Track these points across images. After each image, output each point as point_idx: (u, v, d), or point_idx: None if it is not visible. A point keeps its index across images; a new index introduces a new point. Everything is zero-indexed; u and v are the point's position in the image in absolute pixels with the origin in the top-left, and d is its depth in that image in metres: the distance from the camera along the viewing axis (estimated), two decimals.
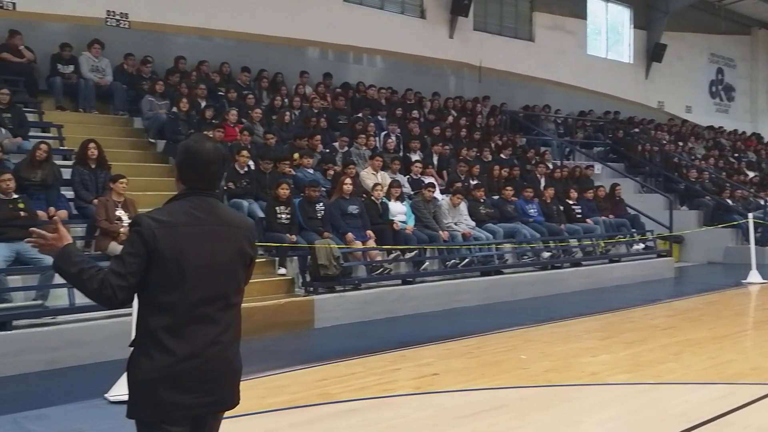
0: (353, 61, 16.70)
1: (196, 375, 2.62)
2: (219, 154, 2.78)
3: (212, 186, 2.81)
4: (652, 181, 18.15)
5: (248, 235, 2.81)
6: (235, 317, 2.77)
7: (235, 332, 2.77)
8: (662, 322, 9.13)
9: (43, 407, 5.40)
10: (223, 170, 2.86)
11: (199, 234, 2.64)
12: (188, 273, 2.60)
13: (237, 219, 2.84)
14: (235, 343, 2.76)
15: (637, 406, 5.46)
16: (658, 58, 23.37)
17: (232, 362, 2.75)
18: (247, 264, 2.80)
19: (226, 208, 2.89)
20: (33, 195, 8.21)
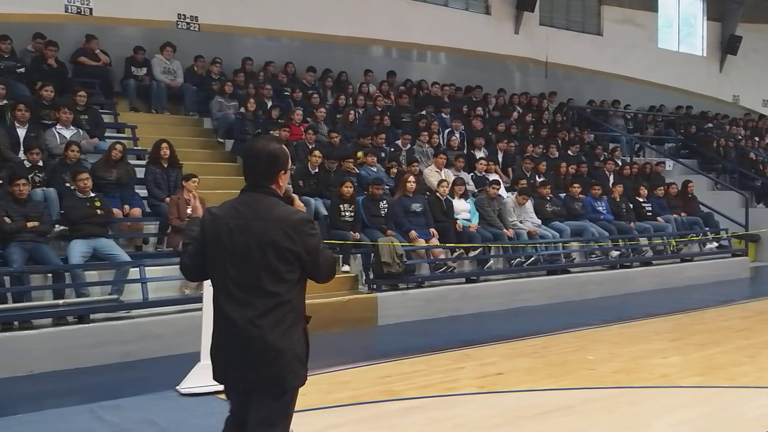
0: (417, 58, 16.69)
1: (233, 351, 2.95)
2: (265, 153, 2.99)
3: (259, 182, 3.01)
4: (726, 178, 17.52)
5: (284, 229, 2.92)
6: (277, 305, 2.93)
7: (277, 319, 2.93)
8: (736, 323, 8.82)
9: (118, 398, 5.60)
10: (268, 168, 3.00)
11: (236, 226, 2.94)
12: (225, 258, 2.95)
13: (275, 213, 2.95)
14: (277, 328, 2.92)
15: (709, 410, 5.29)
16: (733, 51, 22.51)
17: (274, 346, 2.91)
18: (286, 257, 2.91)
19: (272, 203, 2.98)
20: (108, 193, 8.51)
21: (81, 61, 11.60)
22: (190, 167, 9.64)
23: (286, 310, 2.95)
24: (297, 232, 2.93)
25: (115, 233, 8.29)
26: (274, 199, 3.00)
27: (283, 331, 2.93)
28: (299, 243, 2.93)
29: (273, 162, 3.02)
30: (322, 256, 3.01)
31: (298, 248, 2.93)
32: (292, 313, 2.97)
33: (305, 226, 2.97)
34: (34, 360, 6.52)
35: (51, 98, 9.77)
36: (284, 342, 2.93)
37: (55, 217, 7.92)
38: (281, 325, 2.93)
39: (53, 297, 7.12)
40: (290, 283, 2.95)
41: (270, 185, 3.01)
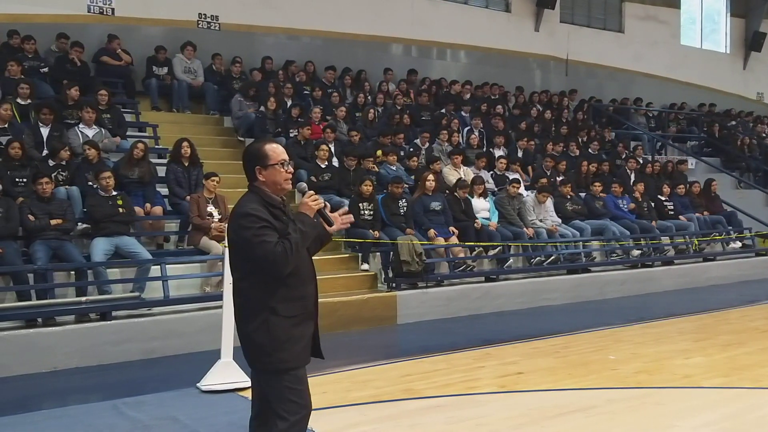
0: (437, 56, 16.66)
1: None
2: (245, 154, 3.33)
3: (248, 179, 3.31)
4: (750, 177, 17.30)
5: (231, 222, 3.21)
6: (237, 293, 3.24)
7: (238, 305, 3.23)
8: (762, 324, 8.70)
9: (141, 394, 5.65)
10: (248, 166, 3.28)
11: None
12: None
13: (234, 209, 3.23)
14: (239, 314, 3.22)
15: (733, 412, 5.22)
16: (758, 48, 22.21)
17: (239, 330, 3.24)
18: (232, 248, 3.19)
19: (242, 200, 3.23)
20: (131, 192, 8.59)
21: (103, 61, 11.71)
22: (211, 166, 9.70)
23: (241, 300, 3.21)
24: (237, 225, 3.14)
25: (137, 231, 8.36)
26: (250, 195, 3.24)
27: (242, 318, 3.20)
28: (237, 235, 3.14)
29: (248, 160, 3.30)
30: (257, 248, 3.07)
31: (237, 239, 3.15)
32: (250, 302, 3.17)
33: (242, 218, 3.12)
34: (58, 356, 6.60)
35: (75, 98, 9.86)
36: (243, 328, 3.20)
37: (78, 215, 8.00)
38: (240, 314, 3.22)
39: (76, 294, 7.20)
40: (240, 272, 3.20)
41: (252, 182, 3.27)
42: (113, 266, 7.59)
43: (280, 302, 3.14)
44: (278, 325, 3.13)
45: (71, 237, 7.63)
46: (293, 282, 3.19)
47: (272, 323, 3.13)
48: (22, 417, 5.17)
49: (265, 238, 3.07)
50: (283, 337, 3.14)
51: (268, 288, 3.13)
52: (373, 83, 14.51)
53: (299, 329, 3.21)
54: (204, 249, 8.23)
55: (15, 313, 6.79)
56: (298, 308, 3.20)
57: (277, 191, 3.27)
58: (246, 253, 3.10)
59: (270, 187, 3.24)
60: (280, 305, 3.14)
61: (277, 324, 3.13)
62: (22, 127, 9.08)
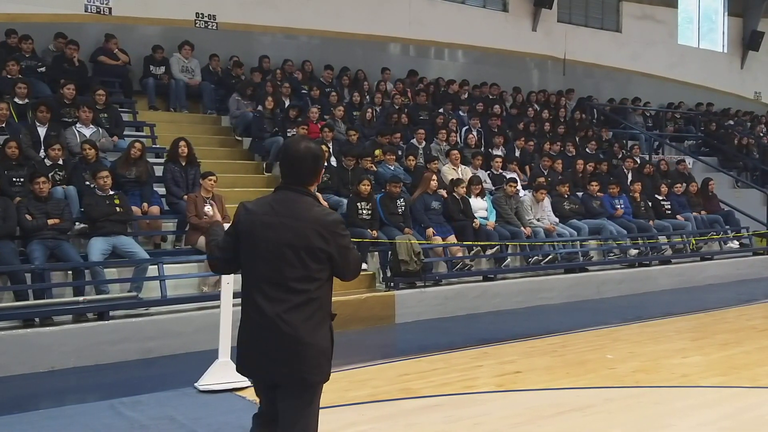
0: (435, 56, 16.66)
1: (262, 344, 3.01)
2: (309, 154, 3.08)
3: (299, 181, 3.10)
4: (747, 176, 17.32)
5: (318, 230, 2.99)
6: (306, 302, 3.00)
7: (306, 314, 3.00)
8: (759, 323, 8.71)
9: (138, 394, 5.64)
10: (313, 169, 3.09)
11: (270, 223, 3.03)
12: (256, 253, 3.03)
13: (310, 214, 3.02)
14: (306, 323, 2.99)
15: (731, 411, 5.23)
16: (755, 47, 22.23)
17: (301, 340, 2.98)
18: (319, 257, 3.00)
19: (308, 203, 3.06)
20: (128, 191, 8.58)
21: (101, 61, 11.69)
22: (209, 165, 9.69)
23: (314, 307, 3.03)
24: (330, 233, 3.02)
25: (134, 231, 8.35)
26: (310, 200, 3.08)
27: (312, 326, 3.01)
28: (332, 243, 3.02)
29: (317, 163, 3.12)
30: (351, 255, 3.11)
31: (331, 248, 3.02)
32: (320, 310, 3.05)
33: (338, 227, 3.05)
34: (55, 356, 6.58)
35: (72, 97, 9.85)
36: (311, 337, 3.01)
37: (76, 214, 7.99)
38: (309, 321, 3.01)
39: (73, 294, 7.18)
40: (319, 281, 3.03)
41: (308, 185, 3.11)
42: (110, 266, 7.58)
43: (332, 307, 3.17)
44: (332, 329, 3.15)
45: (68, 237, 7.62)
46: None
47: (332, 330, 3.14)
48: (19, 417, 5.16)
49: (353, 245, 3.16)
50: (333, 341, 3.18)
51: (330, 294, 3.15)
52: (371, 83, 14.51)
53: None
54: (201, 249, 8.20)
55: (12, 313, 6.77)
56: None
57: None
58: (344, 259, 3.07)
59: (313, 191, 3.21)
60: (332, 310, 3.18)
61: (332, 328, 3.15)
62: (19, 127, 9.06)
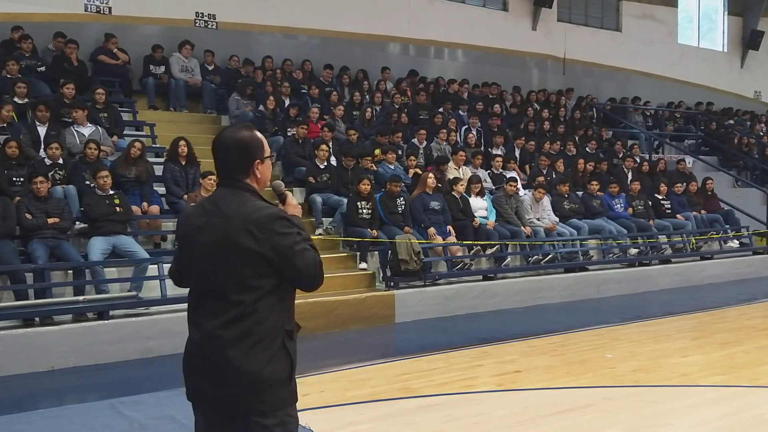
0: (435, 55, 16.66)
1: (201, 363, 2.59)
2: (233, 142, 2.63)
3: (229, 175, 2.63)
4: (747, 175, 17.32)
5: (247, 227, 2.48)
6: (240, 316, 2.49)
7: (240, 332, 2.48)
8: (759, 322, 8.71)
9: (138, 394, 5.65)
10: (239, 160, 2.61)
11: (200, 226, 2.59)
12: (193, 262, 2.63)
13: (238, 210, 2.53)
14: (240, 344, 2.48)
15: (731, 410, 5.23)
16: (755, 46, 22.23)
17: (236, 363, 2.47)
18: (250, 260, 2.48)
19: (241, 199, 2.57)
20: (128, 191, 8.58)
21: (100, 60, 11.69)
22: (208, 165, 9.66)
23: (250, 323, 2.49)
24: (263, 231, 2.48)
25: (134, 230, 8.35)
26: (245, 195, 2.59)
27: (247, 347, 2.48)
28: (265, 243, 2.47)
29: (243, 152, 2.62)
30: (299, 257, 2.52)
31: (264, 249, 2.47)
32: (261, 326, 2.50)
33: (274, 222, 2.50)
34: (55, 356, 6.59)
35: (72, 96, 9.85)
36: (244, 360, 2.47)
37: (75, 214, 7.99)
38: (245, 341, 2.48)
39: (73, 293, 7.19)
40: (258, 290, 2.50)
41: (243, 178, 2.62)
42: (110, 265, 7.58)
43: (291, 321, 2.63)
44: (292, 350, 2.59)
45: (68, 236, 7.62)
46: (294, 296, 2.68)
47: (289, 348, 2.57)
48: (18, 416, 5.16)
49: (305, 245, 2.54)
50: (295, 362, 2.60)
51: (284, 306, 2.59)
52: (370, 82, 14.51)
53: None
54: None
55: (12, 313, 6.77)
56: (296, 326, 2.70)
57: (261, 189, 2.70)
58: (283, 264, 2.50)
59: (259, 185, 2.67)
60: (291, 325, 2.63)
61: (292, 349, 2.58)
62: (19, 126, 9.06)
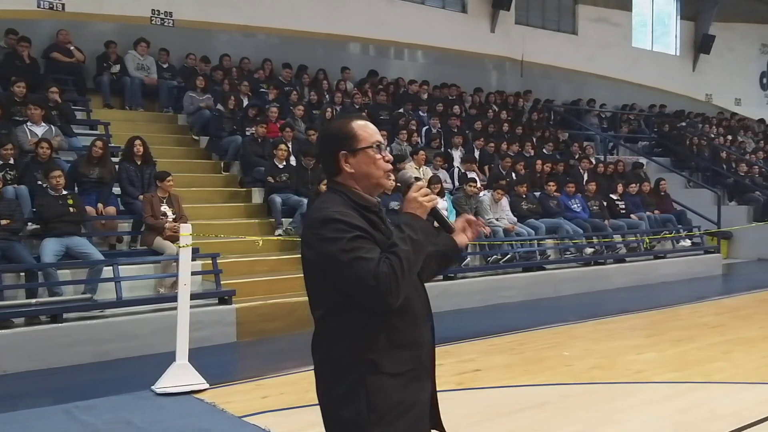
0: (395, 56, 16.71)
1: None
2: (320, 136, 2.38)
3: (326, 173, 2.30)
4: (699, 176, 17.74)
5: (303, 233, 2.19)
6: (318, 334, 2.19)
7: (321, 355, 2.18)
8: (711, 320, 8.93)
9: (93, 398, 5.52)
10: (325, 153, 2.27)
11: None
12: None
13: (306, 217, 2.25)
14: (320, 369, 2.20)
15: (684, 406, 5.35)
16: (707, 50, 22.82)
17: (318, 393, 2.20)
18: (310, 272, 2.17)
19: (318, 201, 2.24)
20: (84, 191, 8.42)
21: (54, 57, 11.44)
22: (165, 164, 9.56)
23: (325, 345, 2.17)
24: (314, 236, 2.11)
25: (89, 231, 8.18)
26: (329, 196, 2.22)
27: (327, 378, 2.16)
28: (316, 251, 2.10)
29: (325, 144, 2.27)
30: (347, 269, 2.04)
31: (316, 258, 2.11)
32: (333, 352, 2.13)
33: (323, 226, 2.09)
34: (8, 360, 6.41)
35: (23, 94, 9.60)
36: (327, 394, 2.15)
37: (28, 215, 7.79)
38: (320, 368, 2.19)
39: (26, 296, 7.00)
40: (323, 308, 2.16)
41: (334, 176, 2.25)
42: (64, 267, 7.40)
43: (382, 352, 2.12)
44: (380, 387, 2.10)
45: (20, 237, 7.42)
46: (402, 320, 2.16)
47: (371, 385, 2.09)
48: None
49: (362, 253, 2.04)
50: (387, 404, 2.10)
51: (365, 331, 2.11)
52: (330, 82, 14.47)
53: (410, 392, 2.16)
54: (158, 249, 8.09)
55: None
56: (408, 361, 2.17)
57: (370, 188, 2.25)
58: (333, 276, 2.08)
59: (360, 183, 2.23)
60: (384, 357, 2.12)
61: (379, 385, 2.09)
62: None
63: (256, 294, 8.36)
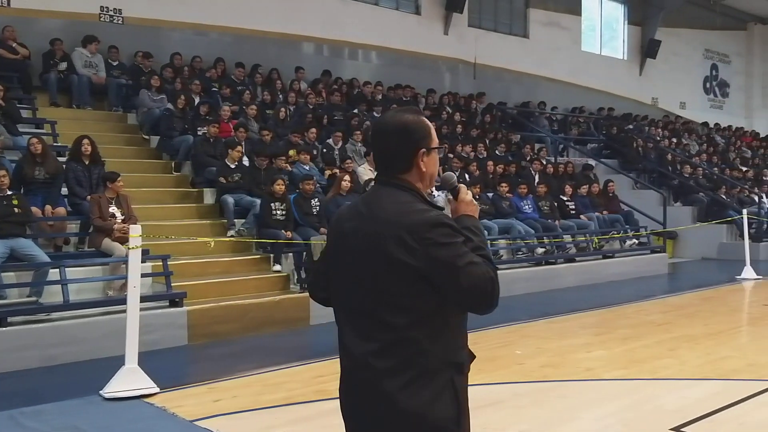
0: (349, 56, 16.69)
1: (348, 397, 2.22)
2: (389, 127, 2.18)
3: (385, 168, 2.19)
4: (646, 177, 18.18)
5: (400, 234, 2.03)
6: (397, 343, 2.05)
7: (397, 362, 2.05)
8: (657, 318, 9.15)
9: (40, 403, 5.38)
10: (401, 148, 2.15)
11: (349, 231, 2.16)
12: (338, 274, 2.21)
13: (391, 213, 2.08)
14: (397, 377, 2.04)
15: (632, 402, 5.47)
16: (653, 55, 23.42)
17: (394, 400, 2.04)
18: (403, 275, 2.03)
19: (397, 198, 2.12)
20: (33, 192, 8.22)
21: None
22: (114, 164, 9.37)
23: (409, 352, 2.05)
24: (419, 240, 2.01)
25: (35, 233, 7.96)
26: (403, 195, 2.13)
27: (405, 382, 2.04)
28: (421, 255, 2.01)
29: (405, 138, 2.15)
30: (464, 274, 2.01)
31: (419, 263, 2.01)
32: (422, 357, 2.05)
33: (431, 230, 2.02)
34: None
35: None
36: (406, 400, 2.03)
37: None
38: (403, 374, 2.05)
39: None
40: (413, 312, 2.04)
41: (403, 173, 2.16)
42: (8, 269, 7.19)
43: (461, 353, 2.15)
44: (463, 387, 2.14)
45: None
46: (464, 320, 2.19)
47: (458, 386, 2.11)
48: None
49: (472, 258, 2.03)
50: (467, 403, 2.16)
51: (449, 334, 2.10)
52: (284, 82, 14.38)
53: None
54: (106, 251, 7.93)
55: None
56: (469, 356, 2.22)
57: (425, 189, 2.23)
58: (443, 282, 2.02)
59: (423, 182, 2.21)
60: (464, 359, 2.16)
61: (462, 386, 2.14)
62: None
63: (208, 296, 8.26)
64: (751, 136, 25.02)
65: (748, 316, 9.78)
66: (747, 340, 8.03)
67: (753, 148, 23.77)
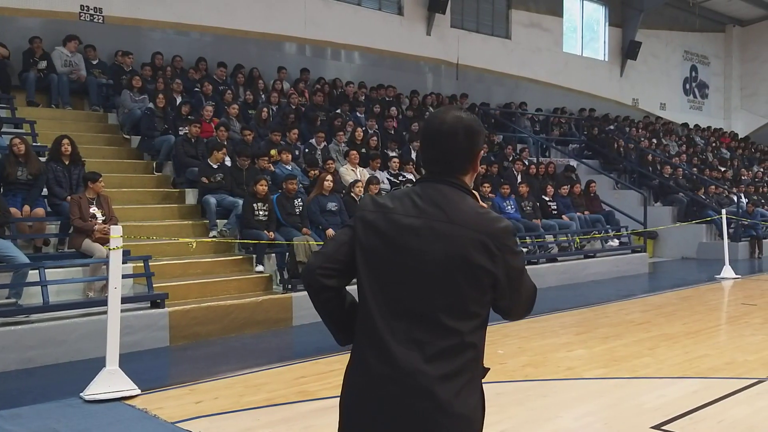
0: (331, 57, 16.67)
1: (389, 408, 2.03)
2: (459, 127, 2.10)
3: (447, 170, 2.12)
4: (626, 178, 18.34)
5: (483, 240, 2.01)
6: (455, 349, 2.01)
7: (453, 369, 2.00)
8: (637, 317, 9.23)
9: (18, 406, 5.32)
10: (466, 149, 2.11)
11: (411, 227, 2.04)
12: (389, 268, 2.05)
13: (471, 219, 2.03)
14: (451, 383, 1.99)
15: (612, 401, 5.52)
16: (633, 56, 23.62)
17: (448, 408, 1.98)
18: (480, 281, 2.01)
19: (460, 200, 2.08)
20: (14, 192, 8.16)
21: None
22: (94, 164, 9.30)
23: (466, 358, 2.03)
24: (500, 247, 2.02)
25: (13, 234, 7.88)
26: (467, 197, 2.11)
27: (459, 388, 2.00)
28: (500, 263, 2.02)
29: (473, 139, 2.12)
30: (525, 283, 2.13)
31: (498, 270, 2.02)
32: (475, 363, 2.06)
33: (509, 238, 2.06)
34: None
35: None
36: (458, 404, 2.00)
37: None
38: (457, 380, 2.00)
39: None
40: (477, 319, 2.04)
41: (463, 174, 2.13)
42: None
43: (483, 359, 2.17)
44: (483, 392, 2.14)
45: None
46: None
47: (482, 388, 2.13)
48: None
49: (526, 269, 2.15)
50: None
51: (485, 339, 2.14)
52: (266, 81, 14.34)
53: None
54: (86, 252, 7.86)
55: None
56: None
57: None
58: (509, 289, 2.07)
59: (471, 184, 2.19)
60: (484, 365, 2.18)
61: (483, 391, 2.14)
62: None
63: (190, 297, 8.21)
64: (729, 136, 25.31)
65: (727, 315, 9.89)
66: (725, 339, 8.11)
67: (731, 148, 24.06)
